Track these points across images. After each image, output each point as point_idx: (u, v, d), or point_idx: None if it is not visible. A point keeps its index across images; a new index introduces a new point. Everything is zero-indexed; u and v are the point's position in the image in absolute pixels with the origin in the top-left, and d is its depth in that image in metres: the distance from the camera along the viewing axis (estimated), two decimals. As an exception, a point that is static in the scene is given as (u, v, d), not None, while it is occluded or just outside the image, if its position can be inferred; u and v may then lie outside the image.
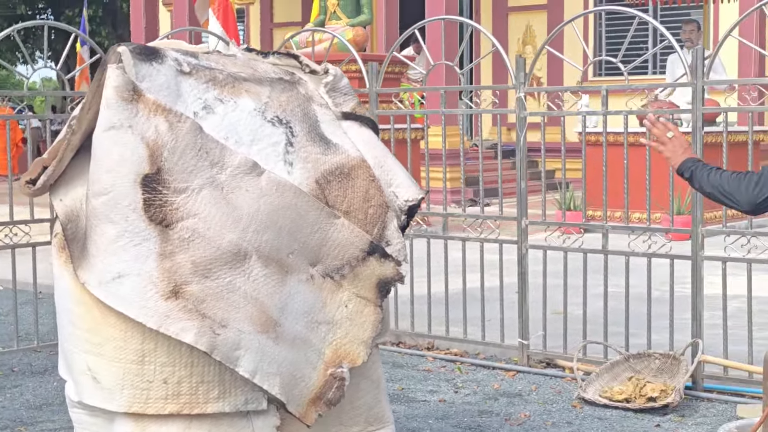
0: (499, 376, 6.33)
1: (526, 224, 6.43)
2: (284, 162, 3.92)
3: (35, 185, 3.93)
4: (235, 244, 3.70)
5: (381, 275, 4.00)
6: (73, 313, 3.79)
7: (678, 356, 5.86)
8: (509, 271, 6.62)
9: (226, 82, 3.95)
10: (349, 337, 3.98)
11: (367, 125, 4.19)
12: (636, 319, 6.17)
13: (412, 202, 4.11)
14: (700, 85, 5.77)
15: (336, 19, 12.04)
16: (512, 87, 6.44)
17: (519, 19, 17.95)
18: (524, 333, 6.48)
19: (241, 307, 3.69)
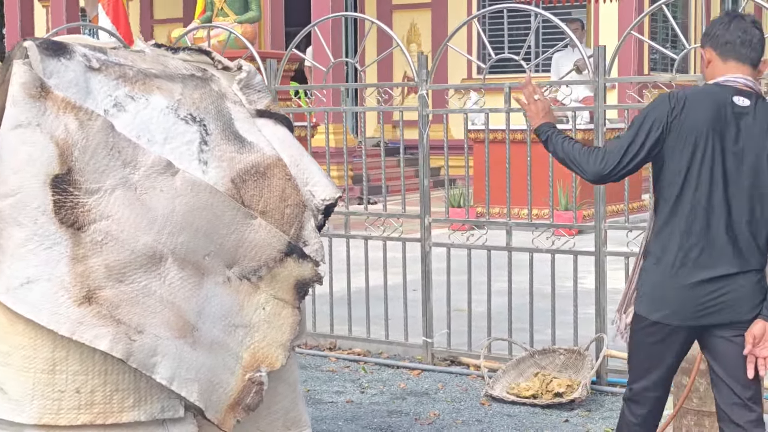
0: (405, 375, 6.30)
1: (429, 222, 6.40)
2: (198, 161, 3.80)
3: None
4: (150, 246, 3.57)
5: (299, 276, 3.91)
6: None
7: (582, 351, 5.91)
8: (412, 269, 6.59)
9: (137, 78, 3.81)
10: (267, 341, 3.88)
11: (282, 123, 4.10)
12: (540, 315, 6.20)
13: (330, 201, 4.03)
14: (602, 83, 5.83)
15: (223, 15, 11.85)
16: (414, 84, 6.41)
17: (403, 17, 17.98)
18: (428, 331, 6.46)
19: (157, 311, 3.56)
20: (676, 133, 3.57)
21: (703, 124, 3.56)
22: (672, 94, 3.63)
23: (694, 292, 3.59)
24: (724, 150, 3.56)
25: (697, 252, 3.58)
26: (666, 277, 3.62)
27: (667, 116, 3.59)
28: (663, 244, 3.64)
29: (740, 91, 3.60)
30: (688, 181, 3.58)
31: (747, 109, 3.58)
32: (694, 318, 3.64)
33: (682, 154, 3.58)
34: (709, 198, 3.57)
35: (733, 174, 3.57)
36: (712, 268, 3.57)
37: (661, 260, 3.64)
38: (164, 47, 4.11)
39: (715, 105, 3.57)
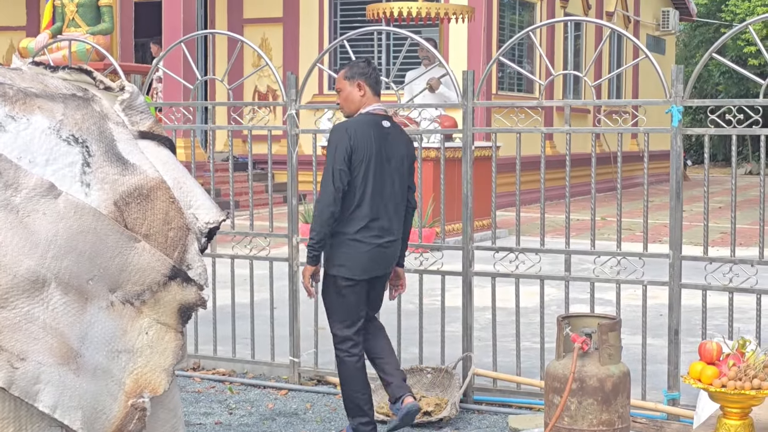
0: (272, 395, 6.28)
1: (297, 241, 6.41)
2: (81, 183, 3.72)
3: None
4: (33, 271, 3.47)
5: (183, 300, 3.87)
6: None
7: (450, 370, 6.00)
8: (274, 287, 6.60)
9: (17, 98, 3.71)
10: (150, 366, 3.82)
11: (165, 145, 4.05)
12: (405, 333, 6.28)
13: (213, 224, 4.00)
14: (470, 106, 5.95)
15: (75, 26, 11.58)
16: (282, 104, 6.41)
17: (255, 31, 17.92)
18: (295, 350, 6.46)
19: (40, 338, 3.47)
20: (356, 152, 5.06)
21: (370, 143, 5.10)
22: (343, 126, 5.14)
23: (374, 253, 5.15)
24: (383, 159, 5.15)
25: (376, 226, 5.13)
26: (357, 245, 5.11)
27: (348, 141, 5.06)
28: (354, 223, 5.11)
29: (384, 117, 5.27)
30: (367, 181, 5.10)
31: (389, 129, 5.23)
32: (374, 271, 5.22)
33: (361, 164, 5.08)
34: (381, 191, 5.13)
35: (389, 174, 5.18)
36: (384, 238, 5.17)
37: (354, 234, 5.11)
38: (42, 65, 4.02)
39: (373, 128, 5.15)
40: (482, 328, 6.48)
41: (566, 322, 4.81)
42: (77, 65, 4.02)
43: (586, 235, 8.91)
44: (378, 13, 13.04)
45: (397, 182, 5.20)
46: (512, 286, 6.02)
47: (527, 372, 6.03)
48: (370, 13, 13.32)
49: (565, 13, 19.64)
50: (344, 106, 5.30)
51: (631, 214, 14.01)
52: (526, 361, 6.15)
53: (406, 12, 12.82)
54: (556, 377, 4.74)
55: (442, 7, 13.18)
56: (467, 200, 5.92)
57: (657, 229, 13.23)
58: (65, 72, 4.02)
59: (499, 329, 6.30)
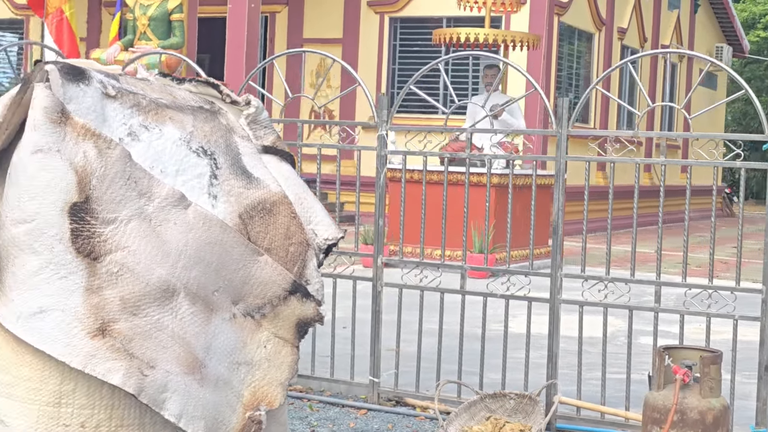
0: (351, 414, 6.28)
1: (382, 262, 6.42)
2: (208, 195, 3.76)
3: (-68, 208, 3.60)
4: (165, 280, 3.50)
5: (301, 315, 3.89)
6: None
7: (534, 397, 5.98)
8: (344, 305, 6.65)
9: (150, 108, 3.76)
10: (267, 379, 3.84)
11: (286, 160, 4.08)
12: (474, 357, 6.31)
13: (332, 241, 4.02)
14: (565, 134, 5.95)
15: (146, 39, 11.69)
16: (374, 125, 6.44)
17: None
18: (375, 370, 6.47)
19: (168, 346, 3.49)
20: None
21: None
22: None
23: None
24: None
25: None
26: None
27: None
28: None
29: None
30: None
31: None
32: None
33: None
34: None
35: None
36: None
37: None
38: (170, 77, 4.06)
39: None
40: (565, 355, 6.46)
41: (666, 354, 4.80)
42: (204, 78, 4.06)
43: (647, 268, 8.87)
44: (444, 38, 13.08)
45: None
46: (587, 315, 6.03)
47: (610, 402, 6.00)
48: (436, 38, 13.35)
49: (622, 45, 19.62)
50: None
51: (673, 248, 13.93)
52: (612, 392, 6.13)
53: (473, 38, 12.85)
54: (656, 408, 4.72)
55: (509, 34, 13.20)
56: (558, 228, 5.92)
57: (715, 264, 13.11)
58: (191, 84, 4.06)
59: (574, 357, 6.29)
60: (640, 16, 20.11)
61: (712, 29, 24.83)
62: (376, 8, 17.69)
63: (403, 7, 17.53)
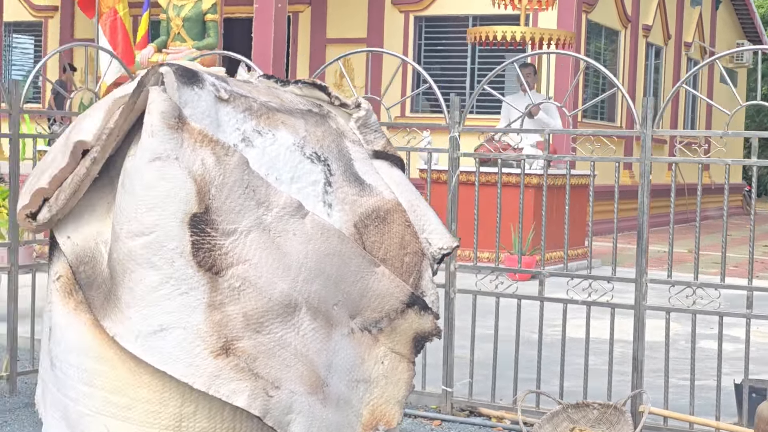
0: (425, 425, 6.07)
1: (455, 268, 6.22)
2: (323, 203, 3.56)
3: (37, 219, 3.40)
4: (287, 294, 3.30)
5: (418, 329, 3.69)
6: (90, 371, 3.27)
7: (619, 407, 5.78)
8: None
9: (262, 112, 3.55)
10: (385, 397, 3.64)
11: (397, 165, 3.87)
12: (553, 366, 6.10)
13: (447, 250, 3.81)
14: (650, 134, 5.75)
15: (180, 40, 11.47)
16: (445, 126, 6.24)
17: (337, 52, 17.79)
18: (449, 380, 6.26)
19: (292, 365, 3.29)
20: None
21: None
22: None
23: None
24: None
25: None
26: None
27: None
28: None
29: None
30: None
31: None
32: None
33: None
34: None
35: None
36: None
37: None
38: (274, 79, 3.85)
39: None
40: (623, 361, 6.27)
41: (778, 364, 4.60)
42: (310, 80, 3.85)
43: (684, 268, 8.60)
44: (480, 36, 12.87)
45: None
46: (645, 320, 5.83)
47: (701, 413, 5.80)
48: (471, 36, 13.14)
49: (647, 42, 19.42)
50: None
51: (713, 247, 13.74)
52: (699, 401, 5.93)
53: (509, 36, 12.64)
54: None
55: (546, 32, 12.99)
56: (642, 231, 5.71)
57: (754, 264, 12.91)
58: (296, 86, 3.85)
59: (653, 364, 6.08)
60: (664, 13, 19.90)
61: (733, 26, 24.60)
62: (401, 7, 17.47)
63: (429, 5, 17.31)
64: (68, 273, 3.35)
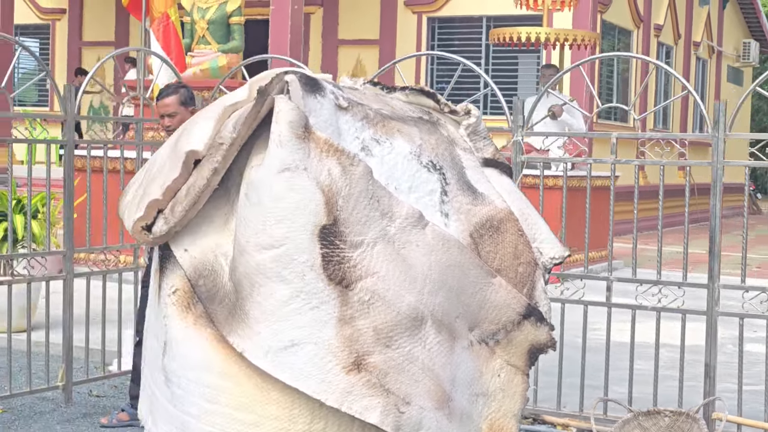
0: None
1: (518, 273, 6.13)
2: (440, 213, 3.47)
3: (153, 232, 3.30)
4: (414, 307, 3.21)
5: (534, 341, 3.60)
6: (213, 387, 3.18)
7: (693, 414, 5.71)
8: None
9: (377, 120, 3.46)
10: (502, 411, 3.55)
11: (506, 173, 3.79)
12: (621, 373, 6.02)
13: (558, 260, 3.73)
14: (722, 137, 5.68)
15: (205, 43, 11.33)
16: (508, 130, 6.15)
17: (349, 53, 17.72)
18: (512, 387, 6.17)
19: (420, 380, 3.21)
20: None
21: None
22: None
23: None
24: None
25: None
26: None
27: None
28: None
29: None
30: None
31: None
32: None
33: None
34: None
35: None
36: None
37: None
38: (379, 85, 3.76)
39: None
40: (672, 366, 6.17)
41: None
42: (418, 87, 3.76)
43: (700, 269, 8.50)
44: (504, 38, 12.78)
45: None
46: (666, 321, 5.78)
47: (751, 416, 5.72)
48: (493, 37, 13.06)
49: (658, 42, 19.38)
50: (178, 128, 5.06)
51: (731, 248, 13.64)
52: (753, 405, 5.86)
53: (534, 37, 12.57)
54: None
55: (571, 33, 12.93)
56: (714, 235, 5.64)
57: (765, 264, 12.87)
58: (402, 93, 3.77)
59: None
60: (674, 13, 19.86)
61: (739, 25, 24.58)
62: (414, 8, 17.38)
63: (442, 6, 17.23)
64: (185, 286, 3.26)
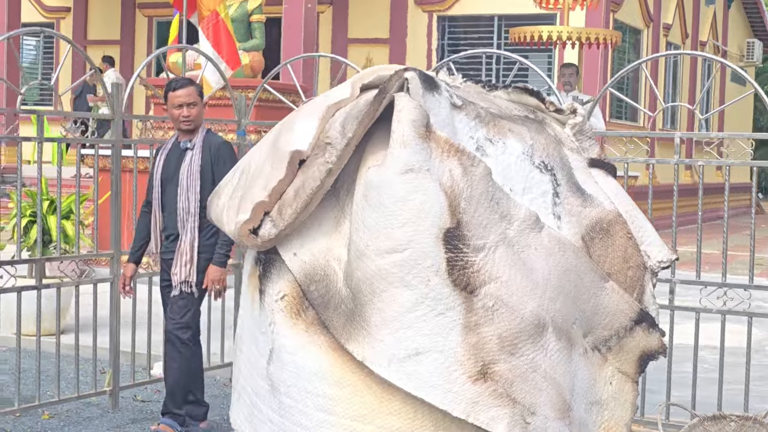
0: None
1: (577, 276, 6.01)
2: (553, 215, 3.35)
3: (260, 235, 3.16)
4: (536, 313, 3.09)
5: (645, 348, 3.48)
6: (328, 397, 3.05)
7: (761, 419, 5.60)
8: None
9: (488, 119, 3.34)
10: (614, 420, 3.44)
11: (611, 174, 3.67)
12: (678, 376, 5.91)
13: (666, 263, 3.61)
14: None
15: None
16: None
17: (359, 52, 17.57)
18: (570, 392, 6.05)
19: (543, 389, 3.09)
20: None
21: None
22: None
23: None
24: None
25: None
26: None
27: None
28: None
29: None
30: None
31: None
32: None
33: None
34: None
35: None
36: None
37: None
38: (481, 83, 3.63)
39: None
40: (714, 369, 6.07)
41: None
42: (522, 85, 3.64)
43: (714, 269, 8.36)
44: (523, 37, 12.67)
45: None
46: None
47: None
48: (513, 36, 12.94)
49: (667, 42, 19.31)
50: (197, 120, 4.85)
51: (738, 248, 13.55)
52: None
53: (555, 36, 12.46)
54: None
55: (593, 32, 12.81)
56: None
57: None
58: (504, 91, 3.64)
59: (730, 371, 5.88)
60: (682, 12, 19.81)
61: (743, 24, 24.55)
62: (424, 7, 17.26)
63: (452, 5, 17.11)
64: (294, 292, 3.13)
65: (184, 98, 4.78)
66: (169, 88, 4.85)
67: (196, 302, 4.90)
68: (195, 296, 4.85)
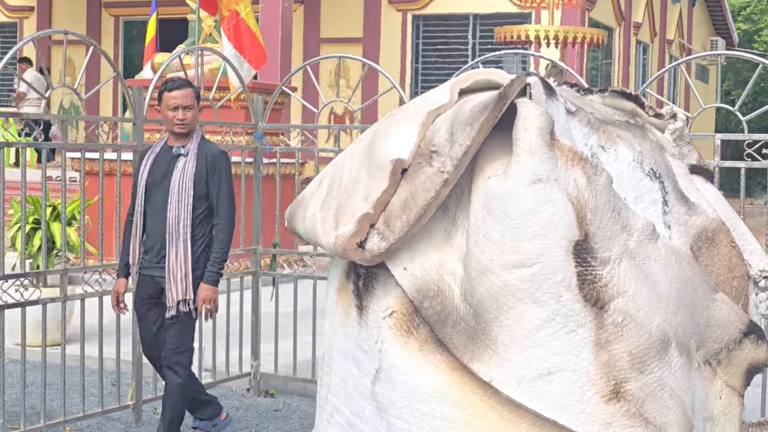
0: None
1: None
2: (664, 224, 3.22)
3: (368, 249, 2.99)
4: (662, 328, 2.96)
5: (753, 360, 3.36)
6: (448, 420, 2.89)
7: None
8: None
9: (597, 125, 3.20)
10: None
11: (710, 180, 3.54)
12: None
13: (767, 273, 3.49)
14: None
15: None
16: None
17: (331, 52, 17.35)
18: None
19: (670, 407, 2.95)
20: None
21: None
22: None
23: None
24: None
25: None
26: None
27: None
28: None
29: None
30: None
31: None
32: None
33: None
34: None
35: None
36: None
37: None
38: (575, 87, 3.50)
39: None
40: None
41: None
42: (619, 89, 3.49)
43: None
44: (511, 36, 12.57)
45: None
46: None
47: None
48: (499, 36, 12.83)
49: (637, 40, 19.35)
50: (192, 125, 4.54)
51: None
52: None
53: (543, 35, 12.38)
54: None
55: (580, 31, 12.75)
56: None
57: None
58: (599, 95, 3.50)
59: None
60: (651, 11, 19.87)
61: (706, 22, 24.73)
62: (398, 5, 17.11)
63: (427, 4, 16.98)
64: (404, 308, 2.96)
65: (180, 100, 4.47)
66: (165, 89, 4.52)
67: (192, 322, 4.57)
68: (192, 316, 4.48)
